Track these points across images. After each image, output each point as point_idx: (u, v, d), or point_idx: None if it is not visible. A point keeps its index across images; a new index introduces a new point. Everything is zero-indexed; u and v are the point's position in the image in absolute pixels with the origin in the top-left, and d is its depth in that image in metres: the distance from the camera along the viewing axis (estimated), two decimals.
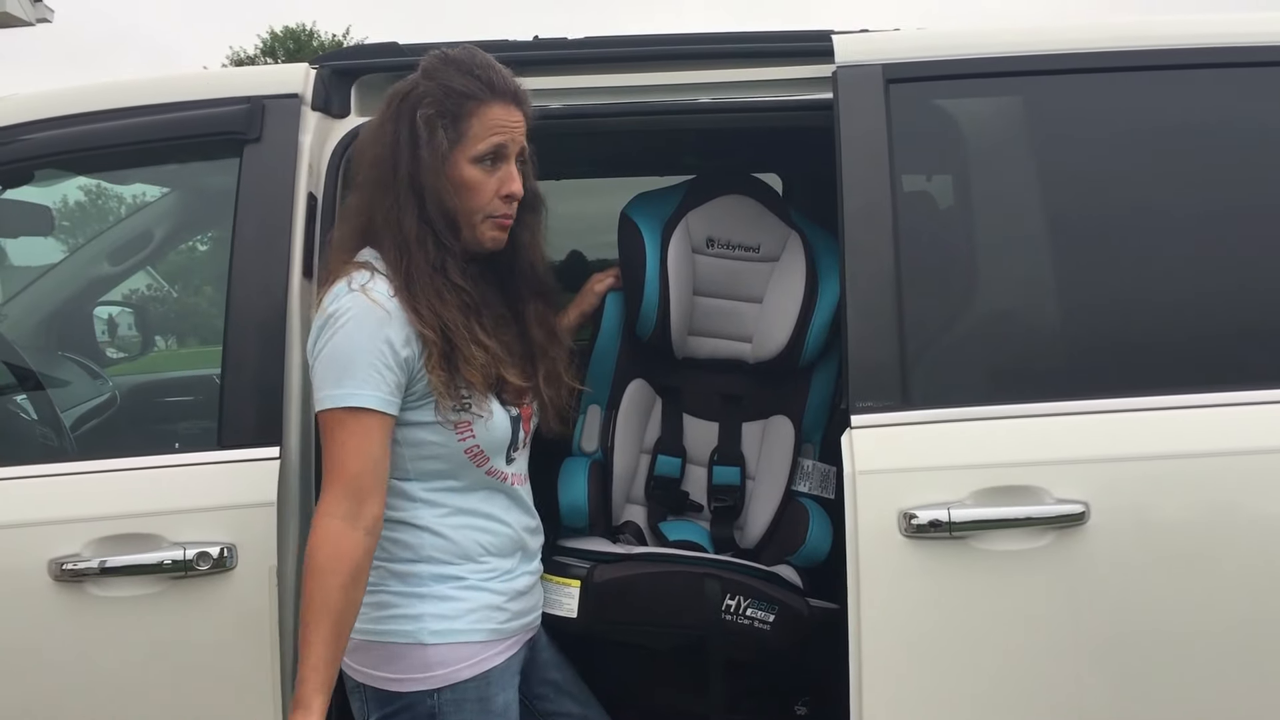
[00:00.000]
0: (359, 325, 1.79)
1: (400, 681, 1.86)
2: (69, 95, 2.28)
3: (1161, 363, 2.10)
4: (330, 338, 1.80)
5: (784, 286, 2.64)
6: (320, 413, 1.81)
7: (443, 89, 1.88)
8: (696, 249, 2.68)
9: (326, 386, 1.79)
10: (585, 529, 2.56)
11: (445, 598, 1.88)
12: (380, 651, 1.87)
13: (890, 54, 2.17)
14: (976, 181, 2.25)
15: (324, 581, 1.73)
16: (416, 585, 1.88)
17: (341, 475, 1.77)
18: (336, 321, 1.80)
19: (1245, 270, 2.12)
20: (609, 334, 2.69)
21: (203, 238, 3.68)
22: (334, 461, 1.78)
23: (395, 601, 1.88)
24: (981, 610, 1.99)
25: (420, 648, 1.85)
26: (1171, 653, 1.99)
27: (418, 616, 1.86)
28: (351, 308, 1.80)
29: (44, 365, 2.97)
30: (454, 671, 1.86)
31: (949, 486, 1.98)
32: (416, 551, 1.89)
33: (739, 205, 2.69)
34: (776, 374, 2.67)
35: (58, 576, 1.99)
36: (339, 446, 1.78)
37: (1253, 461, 1.99)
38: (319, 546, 1.74)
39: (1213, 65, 2.15)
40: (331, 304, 1.82)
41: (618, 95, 2.30)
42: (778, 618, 2.26)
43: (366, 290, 1.81)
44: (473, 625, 1.89)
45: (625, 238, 2.64)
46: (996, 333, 2.19)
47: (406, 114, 1.88)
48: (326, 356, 1.80)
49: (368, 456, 1.78)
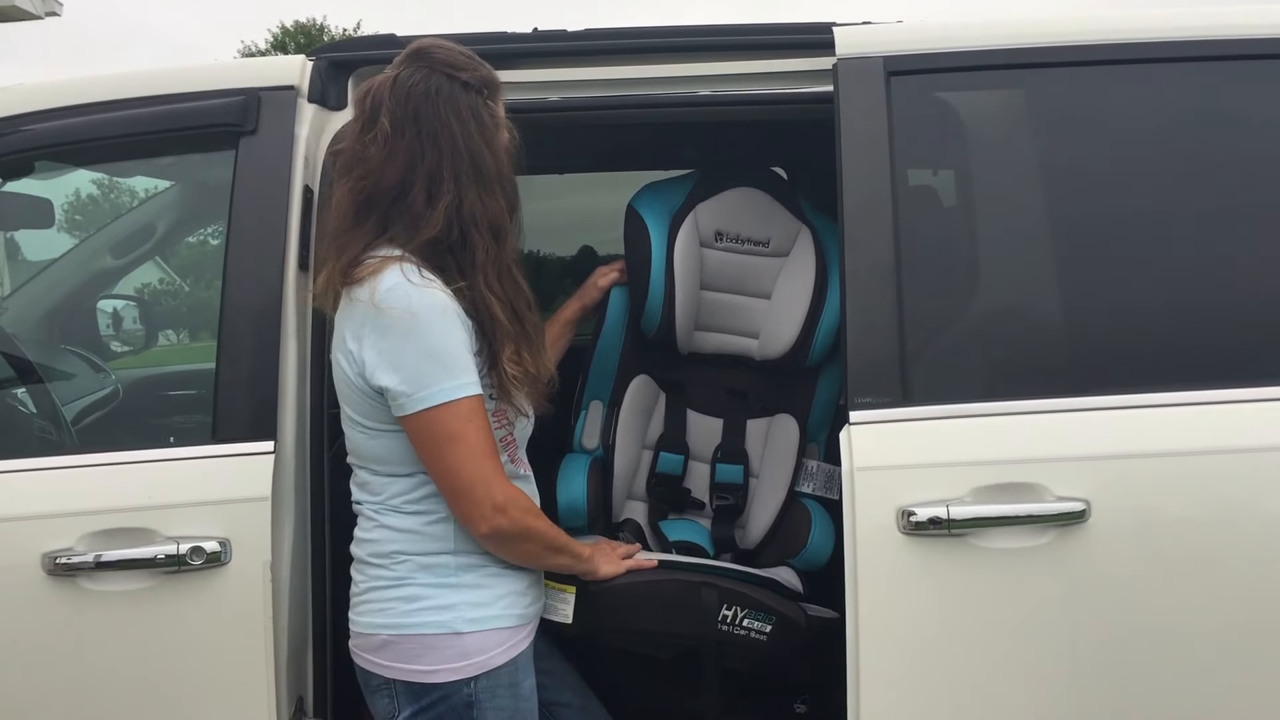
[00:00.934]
0: (446, 318, 1.81)
1: (436, 672, 1.86)
2: (67, 87, 2.28)
3: (1163, 359, 2.08)
4: (424, 334, 1.79)
5: (793, 283, 2.61)
6: (434, 407, 1.80)
7: (480, 79, 1.88)
8: (705, 242, 2.65)
9: (438, 381, 1.79)
10: (584, 528, 2.55)
11: (477, 585, 1.89)
12: (412, 644, 1.87)
13: (891, 46, 2.15)
14: (977, 175, 2.23)
15: (541, 525, 1.93)
16: (445, 576, 1.88)
17: (487, 454, 1.83)
18: (422, 318, 1.79)
19: (1249, 266, 2.09)
20: (613, 329, 2.67)
21: (206, 231, 3.68)
22: (471, 447, 1.81)
23: (425, 594, 1.87)
24: (981, 608, 1.97)
25: (456, 637, 1.86)
26: (1172, 651, 1.97)
27: (451, 606, 1.86)
28: (433, 302, 1.80)
29: (45, 358, 2.97)
30: (490, 658, 1.87)
31: (948, 484, 1.96)
32: (445, 543, 1.89)
33: (749, 198, 2.66)
34: (783, 371, 2.65)
35: (51, 570, 1.98)
36: (476, 431, 1.81)
37: (1255, 460, 1.97)
38: (517, 500, 1.87)
39: (1218, 58, 2.13)
40: (402, 301, 1.79)
41: (617, 88, 2.29)
42: (775, 628, 2.24)
43: (429, 281, 1.82)
44: (504, 611, 1.90)
45: (631, 230, 2.61)
46: (997, 329, 2.18)
47: (456, 106, 1.84)
48: (425, 353, 1.79)
49: (490, 433, 1.85)
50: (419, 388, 1.79)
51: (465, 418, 1.80)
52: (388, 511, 1.90)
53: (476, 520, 1.83)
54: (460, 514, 1.85)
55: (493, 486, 1.83)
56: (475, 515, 1.83)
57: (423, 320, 1.79)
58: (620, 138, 3.08)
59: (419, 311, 1.79)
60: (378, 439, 1.88)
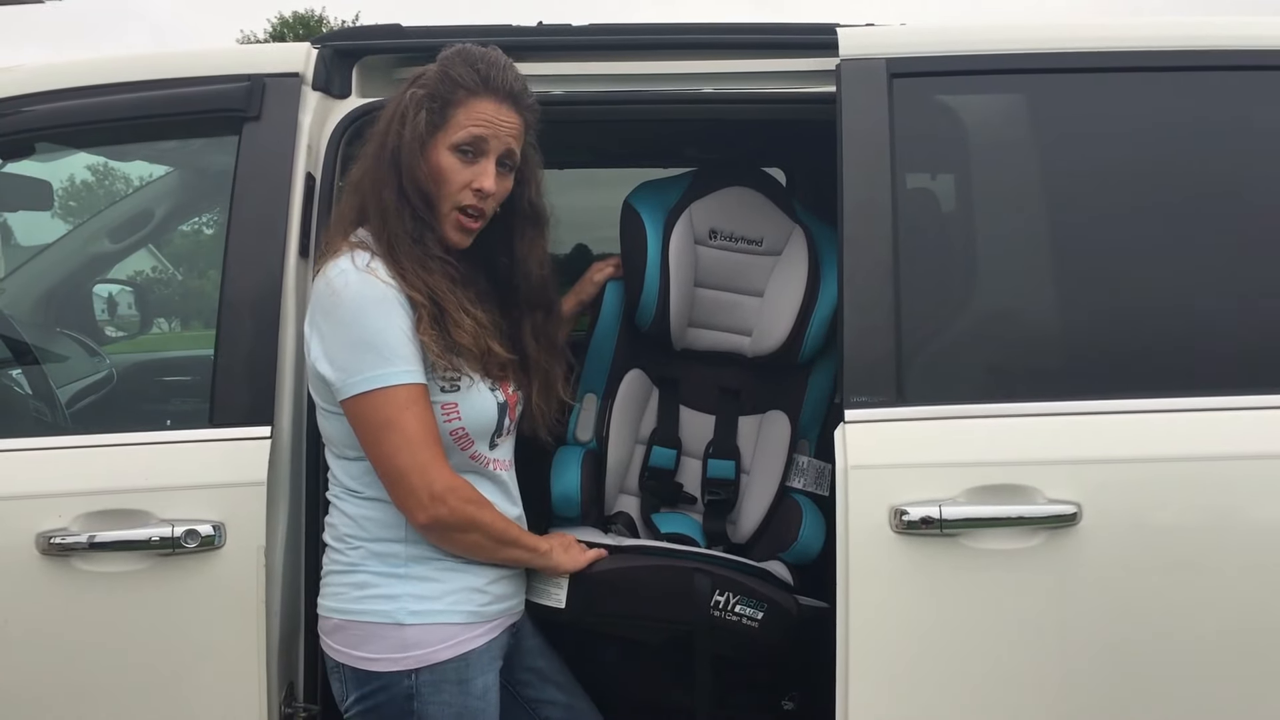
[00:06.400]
0: (384, 306, 1.82)
1: (377, 661, 1.87)
2: (70, 69, 2.28)
3: (1158, 365, 2.09)
4: (358, 320, 1.81)
5: (785, 281, 2.62)
6: (367, 393, 1.81)
7: (441, 74, 1.93)
8: (699, 240, 2.66)
9: (372, 367, 1.80)
10: (577, 519, 2.55)
11: (424, 578, 1.89)
12: (358, 631, 1.88)
13: (895, 49, 2.16)
14: (977, 179, 2.24)
15: (485, 516, 1.90)
16: (396, 565, 1.89)
17: (425, 443, 1.82)
18: (355, 304, 1.82)
19: (1245, 273, 2.11)
20: (608, 323, 2.68)
21: (203, 218, 3.67)
22: (407, 435, 1.80)
23: (374, 581, 1.88)
24: (971, 608, 1.98)
25: (397, 628, 1.86)
26: (1162, 656, 1.98)
27: (396, 596, 1.87)
28: (369, 290, 1.82)
29: (40, 340, 2.96)
30: (432, 652, 1.86)
31: (941, 484, 1.97)
32: (396, 531, 1.89)
33: (744, 197, 2.68)
34: (775, 369, 2.66)
35: (46, 550, 1.98)
36: (414, 419, 1.81)
37: (1247, 467, 1.98)
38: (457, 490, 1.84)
39: (1220, 68, 2.14)
40: (341, 286, 1.83)
41: (620, 83, 2.29)
42: (766, 615, 2.25)
43: (373, 270, 1.84)
44: (451, 606, 1.90)
45: (627, 226, 2.63)
46: (993, 331, 2.18)
47: (406, 94, 1.94)
48: (359, 338, 1.81)
49: (431, 422, 1.84)
50: (352, 373, 1.81)
51: (401, 405, 1.80)
52: (345, 495, 1.93)
53: (414, 509, 1.83)
54: (398, 503, 1.85)
55: (430, 474, 1.82)
56: (412, 503, 1.83)
57: (358, 305, 1.82)
58: (622, 134, 3.09)
59: (354, 297, 1.82)
60: (330, 420, 1.92)
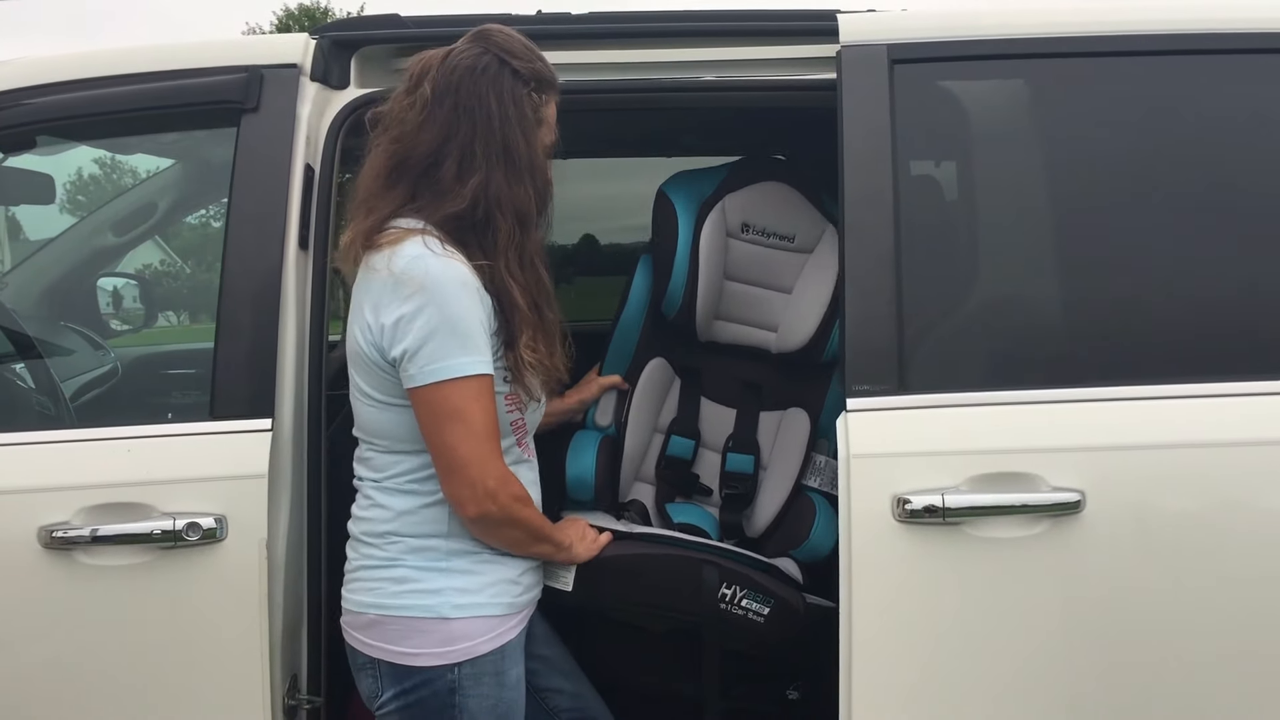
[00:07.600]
0: (467, 291, 1.80)
1: (419, 656, 1.85)
2: (68, 61, 2.27)
3: (1161, 352, 2.07)
4: (443, 305, 1.78)
5: (815, 280, 2.63)
6: (443, 382, 1.78)
7: (532, 69, 1.89)
8: (731, 232, 2.67)
9: (452, 355, 1.78)
10: (590, 503, 2.56)
11: (466, 571, 1.88)
12: (398, 626, 1.87)
13: (896, 34, 2.15)
14: (980, 165, 2.23)
15: (527, 513, 1.91)
16: (436, 560, 1.88)
17: (488, 435, 1.81)
18: (441, 289, 1.78)
19: (1248, 260, 2.09)
20: (634, 309, 2.69)
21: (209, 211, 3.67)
22: (473, 426, 1.79)
23: (415, 576, 1.87)
24: (974, 597, 1.97)
25: (443, 622, 1.85)
26: (1165, 643, 1.98)
27: (439, 590, 1.86)
28: (454, 274, 1.79)
29: (44, 334, 2.97)
30: (475, 645, 1.86)
31: (944, 472, 1.96)
32: (439, 526, 1.88)
33: (779, 193, 2.68)
34: (799, 366, 2.67)
35: (48, 544, 1.98)
36: (481, 411, 1.80)
37: (1251, 453, 1.97)
38: (509, 487, 1.85)
39: (1224, 51, 2.12)
40: (423, 271, 1.78)
41: (620, 71, 2.29)
42: (772, 611, 2.25)
43: (450, 254, 1.81)
44: (492, 599, 1.89)
45: (660, 213, 2.64)
46: (995, 319, 2.17)
47: (499, 88, 1.85)
48: (443, 324, 1.77)
49: (494, 414, 1.83)
50: (431, 360, 1.78)
51: (473, 396, 1.79)
52: (386, 490, 1.90)
53: (466, 500, 1.82)
54: (451, 493, 1.84)
55: (488, 468, 1.82)
56: (466, 496, 1.82)
57: (443, 291, 1.78)
58: (622, 122, 3.07)
59: (440, 282, 1.78)
60: (386, 413, 1.87)
